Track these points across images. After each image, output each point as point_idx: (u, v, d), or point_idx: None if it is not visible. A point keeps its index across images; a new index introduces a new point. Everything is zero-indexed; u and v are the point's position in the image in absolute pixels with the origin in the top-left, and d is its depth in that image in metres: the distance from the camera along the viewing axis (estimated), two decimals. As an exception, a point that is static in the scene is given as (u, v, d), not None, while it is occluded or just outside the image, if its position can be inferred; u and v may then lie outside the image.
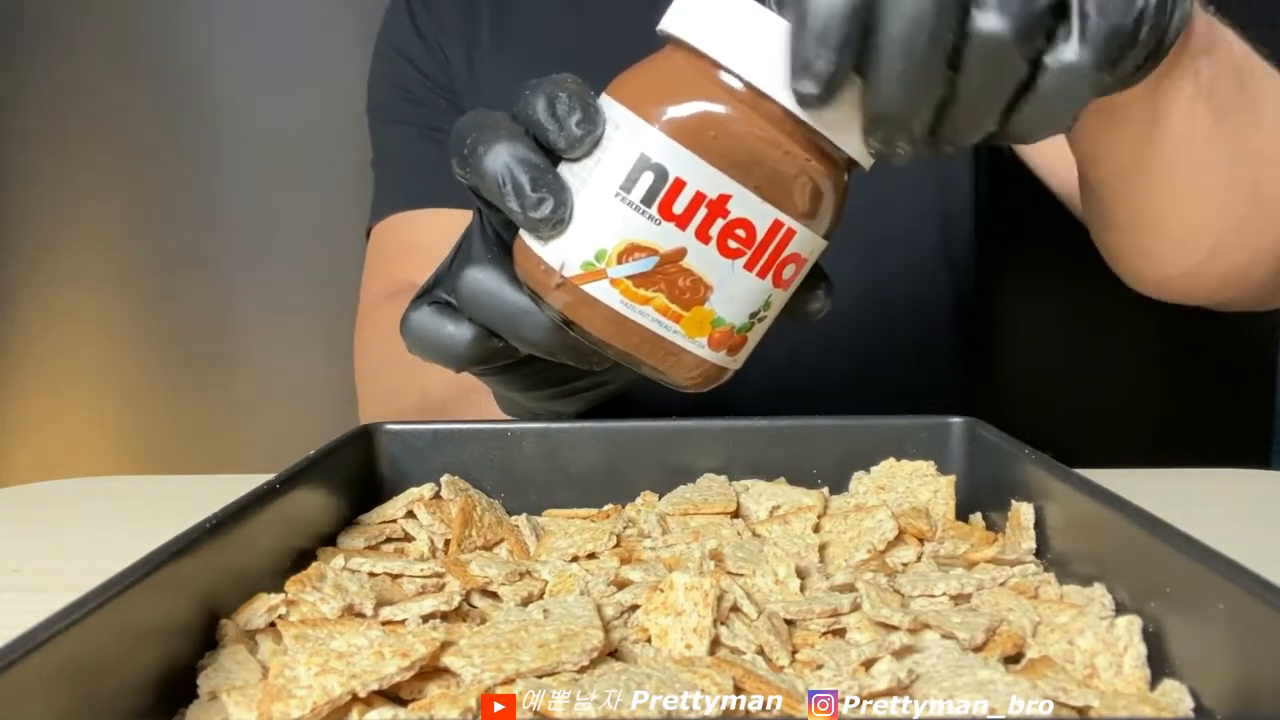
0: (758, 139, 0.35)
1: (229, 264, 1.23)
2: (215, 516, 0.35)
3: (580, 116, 0.35)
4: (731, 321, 0.38)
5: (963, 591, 0.36)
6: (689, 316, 0.37)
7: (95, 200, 1.21)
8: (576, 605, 0.34)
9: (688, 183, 0.35)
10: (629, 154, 0.35)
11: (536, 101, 0.36)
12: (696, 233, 0.35)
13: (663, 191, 0.35)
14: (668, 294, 0.36)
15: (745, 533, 0.43)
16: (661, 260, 0.36)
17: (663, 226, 0.35)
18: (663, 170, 0.35)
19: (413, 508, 0.44)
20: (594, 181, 0.36)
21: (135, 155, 1.19)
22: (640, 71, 0.37)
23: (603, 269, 0.36)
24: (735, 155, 0.35)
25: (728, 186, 0.35)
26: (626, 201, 0.35)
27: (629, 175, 0.35)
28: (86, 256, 1.22)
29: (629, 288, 0.36)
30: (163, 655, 0.31)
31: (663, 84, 0.35)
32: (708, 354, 0.38)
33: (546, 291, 0.37)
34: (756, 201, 0.35)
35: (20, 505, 0.59)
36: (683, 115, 0.35)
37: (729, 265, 0.36)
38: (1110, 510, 0.35)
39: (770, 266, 0.37)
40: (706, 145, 0.35)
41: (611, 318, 0.37)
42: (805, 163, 0.35)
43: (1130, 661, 0.31)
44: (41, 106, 1.18)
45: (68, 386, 1.25)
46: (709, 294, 0.37)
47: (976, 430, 0.47)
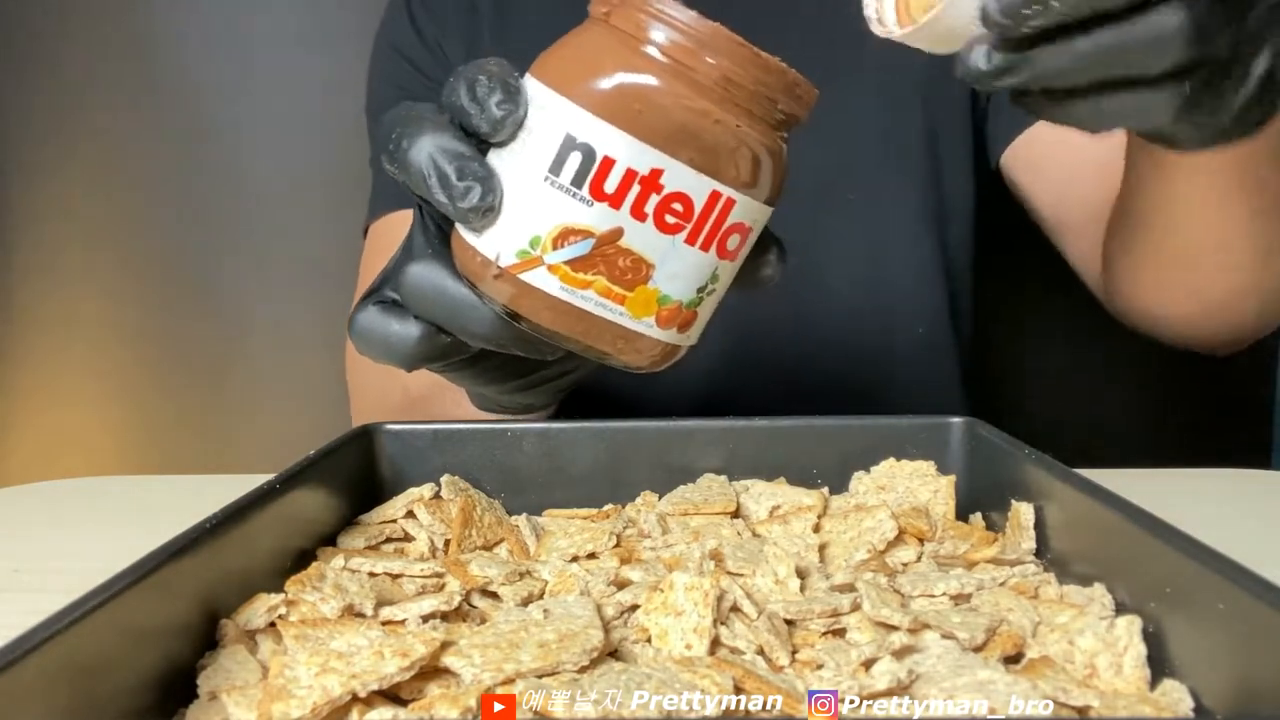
0: (686, 109, 0.34)
1: (229, 264, 1.23)
2: (215, 516, 0.35)
3: (500, 97, 0.34)
4: (678, 298, 0.37)
5: (963, 591, 0.36)
6: (633, 297, 0.36)
7: (95, 200, 1.21)
8: (576, 605, 0.34)
9: (617, 160, 0.34)
10: (554, 135, 0.34)
11: (459, 87, 0.35)
12: (632, 211, 0.34)
13: (592, 171, 0.34)
14: (608, 275, 0.35)
15: (745, 533, 0.43)
16: (598, 242, 0.35)
17: (596, 207, 0.34)
18: (590, 149, 0.34)
19: (413, 508, 0.44)
20: (521, 166, 0.35)
21: (135, 155, 1.19)
22: (561, 47, 0.36)
23: (539, 256, 0.35)
24: (663, 128, 0.33)
25: (659, 161, 0.34)
26: (556, 185, 0.34)
27: (556, 157, 0.34)
28: (86, 257, 1.22)
29: (568, 273, 0.35)
30: (163, 655, 0.31)
31: (584, 59, 0.34)
32: (658, 333, 0.37)
33: (485, 283, 0.36)
34: (691, 173, 0.34)
35: (20, 505, 0.59)
36: (605, 90, 0.34)
37: (669, 241, 0.35)
38: (1110, 510, 0.35)
39: (713, 239, 0.36)
40: (632, 120, 0.33)
41: (553, 305, 0.36)
42: (737, 129, 0.34)
43: (1130, 661, 0.31)
44: (42, 107, 1.18)
45: (68, 386, 1.25)
46: (651, 272, 0.36)
47: (976, 430, 0.47)
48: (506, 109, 0.35)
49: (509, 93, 0.35)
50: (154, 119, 1.19)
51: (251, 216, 1.19)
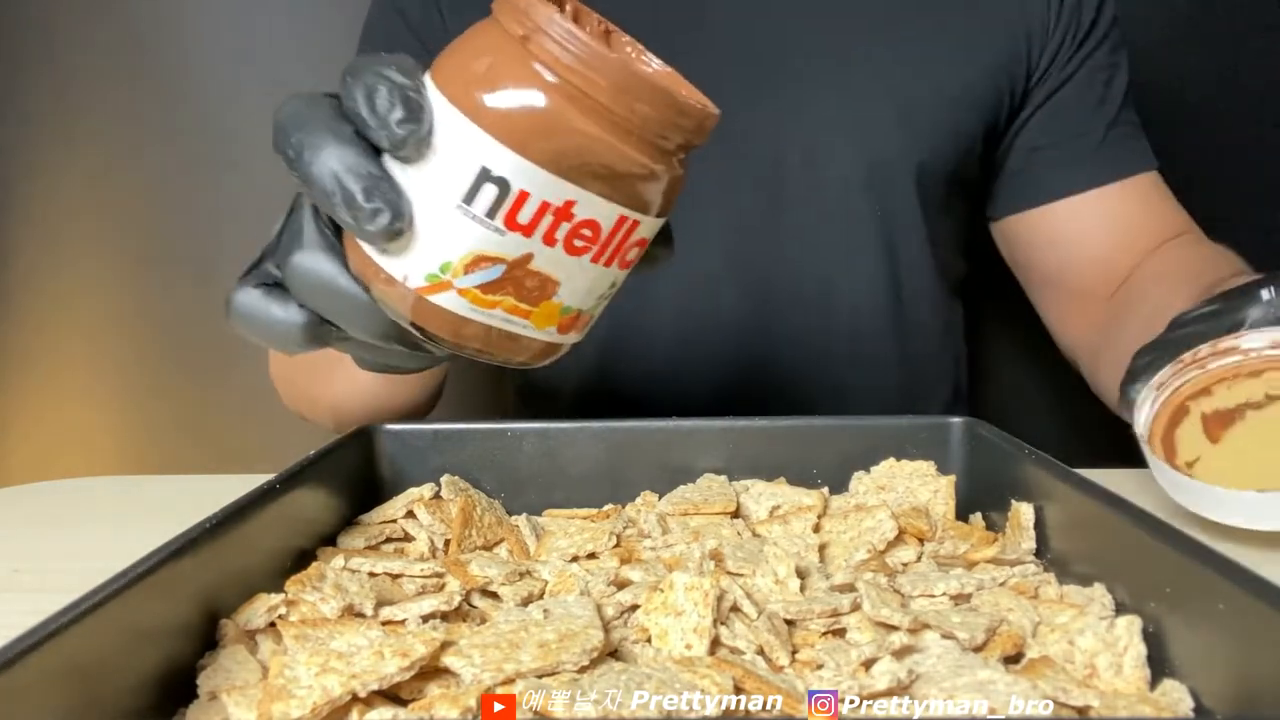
0: (601, 144, 0.34)
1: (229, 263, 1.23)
2: (215, 516, 0.35)
3: (402, 115, 0.33)
4: (579, 307, 0.37)
5: (963, 591, 0.36)
6: (538, 311, 0.36)
7: (95, 200, 1.21)
8: (576, 605, 0.34)
9: (531, 194, 0.34)
10: (468, 166, 0.33)
11: (356, 93, 0.33)
12: (543, 238, 0.34)
13: (507, 204, 0.34)
14: (515, 295, 0.36)
15: (745, 533, 0.43)
16: (509, 266, 0.35)
17: (508, 236, 0.34)
18: (505, 183, 0.33)
19: (413, 508, 0.44)
20: (432, 190, 0.34)
21: (136, 155, 1.19)
22: (468, 61, 0.34)
23: (449, 280, 0.35)
24: (578, 162, 0.34)
25: (572, 193, 0.34)
26: (470, 215, 0.34)
27: (471, 188, 0.33)
28: (87, 256, 1.22)
29: (477, 295, 0.35)
30: (163, 655, 0.31)
31: (496, 82, 0.33)
32: (555, 338, 0.38)
33: (389, 298, 0.36)
34: (601, 202, 0.35)
35: (20, 505, 0.59)
36: (521, 123, 0.33)
37: (576, 262, 0.36)
38: (1110, 510, 0.35)
39: (616, 255, 0.37)
40: (549, 156, 0.33)
41: (458, 322, 0.36)
42: (648, 163, 0.35)
43: (1130, 661, 0.31)
44: (41, 106, 1.18)
45: (68, 386, 1.25)
46: (556, 289, 0.36)
47: (976, 430, 0.47)
48: (409, 129, 0.33)
49: (411, 110, 0.33)
50: (154, 119, 1.19)
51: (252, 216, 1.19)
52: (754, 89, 0.71)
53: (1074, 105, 0.74)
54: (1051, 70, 0.73)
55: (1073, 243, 0.76)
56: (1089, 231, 0.75)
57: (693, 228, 0.72)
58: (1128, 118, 0.75)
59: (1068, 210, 0.75)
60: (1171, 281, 0.66)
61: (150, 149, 1.21)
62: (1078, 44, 0.73)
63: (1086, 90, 0.74)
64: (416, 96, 0.33)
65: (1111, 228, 0.74)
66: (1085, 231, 0.75)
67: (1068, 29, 0.73)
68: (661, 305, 0.74)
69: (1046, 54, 0.73)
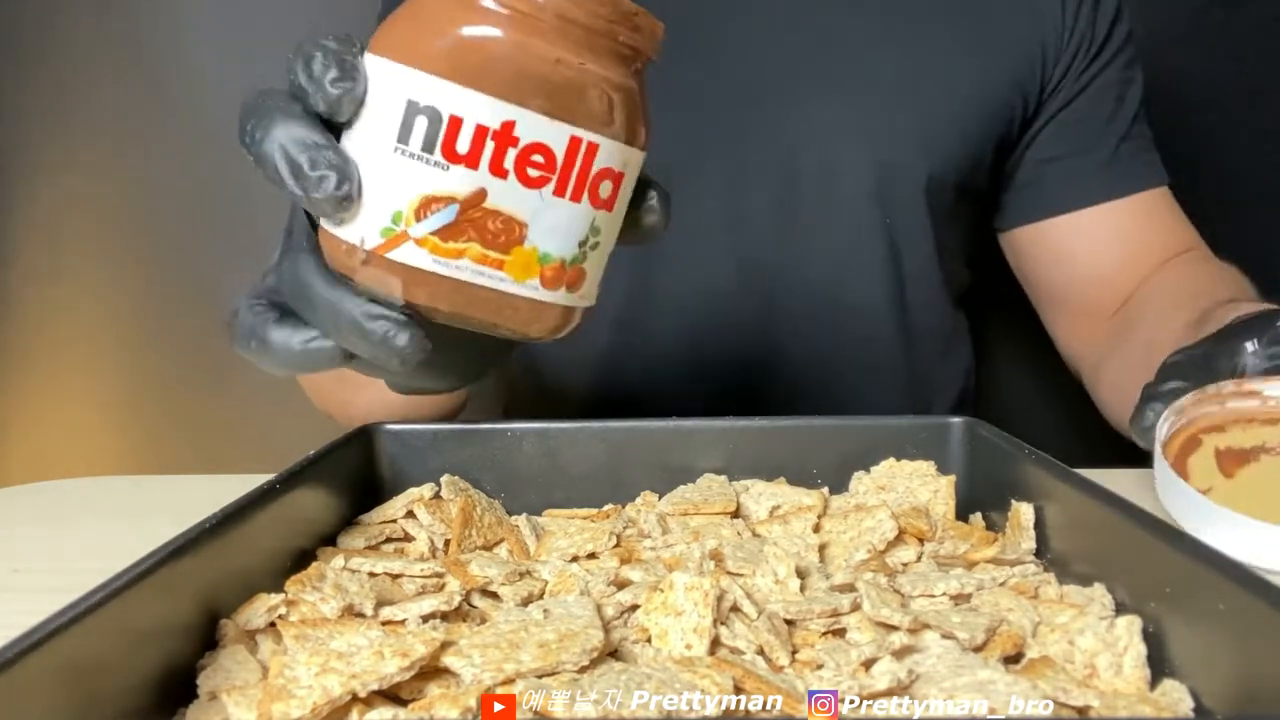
0: (526, 54, 0.32)
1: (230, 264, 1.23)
2: (215, 516, 0.35)
3: (336, 74, 0.33)
4: (559, 255, 0.35)
5: (963, 591, 0.36)
6: (511, 260, 0.34)
7: (95, 200, 1.21)
8: (576, 605, 0.34)
9: (464, 118, 0.32)
10: (396, 103, 0.32)
11: (296, 65, 0.34)
12: (491, 169, 0.33)
13: (441, 133, 0.32)
14: (480, 241, 0.34)
15: (745, 533, 0.43)
16: (463, 206, 0.33)
17: (453, 171, 0.33)
18: (434, 111, 0.32)
19: (413, 508, 0.44)
20: (370, 143, 0.33)
21: (136, 155, 1.19)
22: (394, 19, 0.34)
23: (403, 231, 0.33)
24: (506, 77, 0.32)
25: (508, 112, 0.32)
26: (407, 154, 0.33)
27: (402, 125, 0.32)
28: (87, 256, 1.22)
29: (437, 244, 0.33)
30: (163, 655, 0.31)
31: (417, 21, 0.33)
32: (545, 295, 0.36)
33: (355, 273, 0.34)
34: (544, 121, 0.33)
35: (20, 505, 0.59)
36: (441, 48, 0.32)
37: (536, 195, 0.34)
38: (1110, 510, 0.35)
39: (583, 187, 0.34)
40: (471, 73, 0.32)
41: (428, 281, 0.34)
42: (582, 68, 0.33)
43: (1130, 661, 0.31)
44: (41, 106, 1.18)
45: (68, 386, 1.25)
46: (525, 231, 0.34)
47: (976, 430, 0.47)
48: (343, 86, 0.33)
49: (345, 69, 0.33)
50: (155, 119, 1.19)
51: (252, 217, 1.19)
52: (766, 95, 0.71)
53: (1085, 119, 0.74)
54: (1064, 83, 0.74)
55: (1078, 257, 0.76)
56: (1095, 246, 0.75)
57: (701, 233, 0.72)
58: (1140, 132, 0.75)
59: (1074, 224, 0.75)
60: (1169, 303, 0.67)
61: (150, 150, 1.21)
62: (1091, 58, 0.73)
63: (1099, 104, 0.74)
64: (351, 58, 0.34)
65: (1117, 243, 0.75)
66: (1091, 246, 0.75)
67: (1081, 42, 0.73)
68: (668, 310, 0.74)
69: (1060, 67, 0.73)
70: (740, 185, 0.72)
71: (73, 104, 1.20)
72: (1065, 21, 0.72)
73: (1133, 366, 0.64)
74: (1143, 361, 0.60)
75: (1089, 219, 0.75)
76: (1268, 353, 0.47)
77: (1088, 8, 0.73)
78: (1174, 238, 0.75)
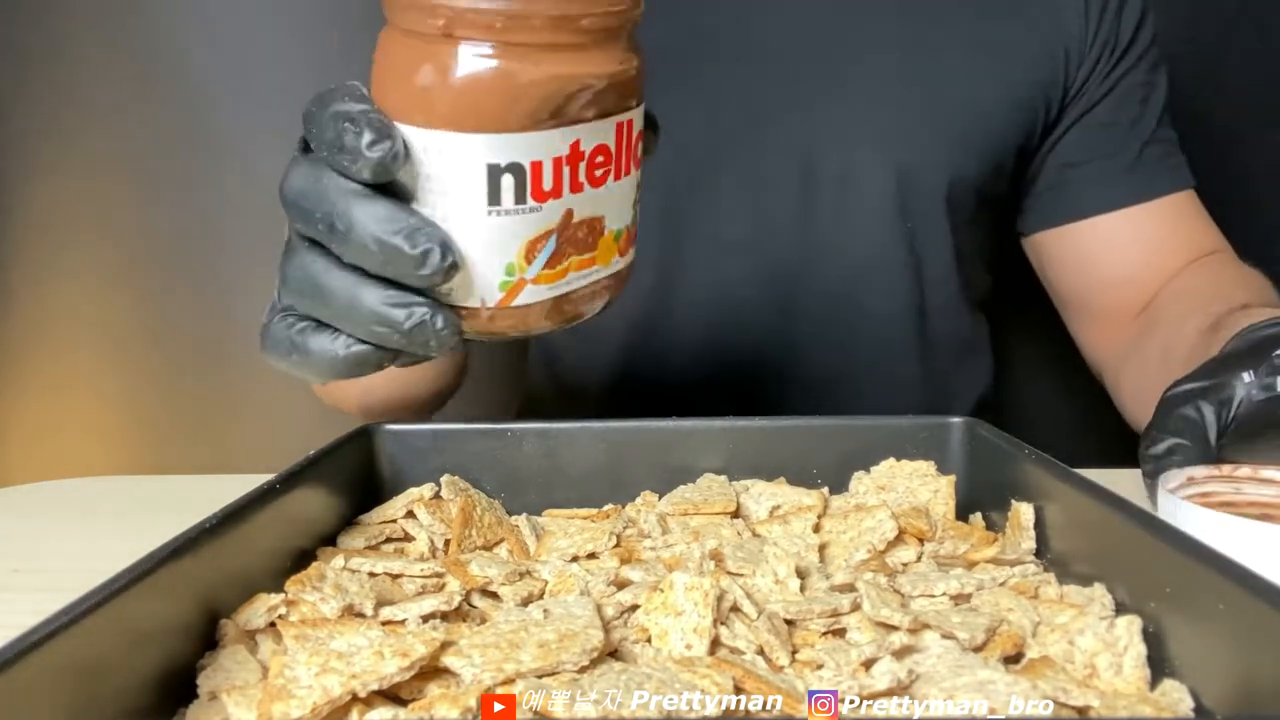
0: (572, 77, 0.33)
1: (229, 264, 1.23)
2: (215, 516, 0.35)
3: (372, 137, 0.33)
4: (624, 225, 0.38)
5: (963, 591, 0.36)
6: (599, 252, 0.37)
7: (95, 200, 1.21)
8: (576, 605, 0.34)
9: (543, 160, 0.34)
10: (475, 170, 0.33)
11: (325, 136, 0.34)
12: (571, 189, 0.35)
13: (528, 183, 0.34)
14: (576, 251, 0.36)
15: (745, 533, 0.43)
16: (559, 232, 0.35)
17: (545, 207, 0.34)
18: (518, 166, 0.33)
19: (413, 508, 0.44)
20: (458, 211, 0.34)
21: (135, 154, 1.19)
22: (428, 90, 0.33)
23: (520, 279, 0.35)
24: (560, 104, 0.33)
25: (573, 133, 0.34)
26: (502, 213, 0.34)
27: (489, 189, 0.33)
28: (86, 256, 1.22)
29: (548, 274, 0.36)
30: (163, 655, 0.31)
31: (464, 92, 0.33)
32: (622, 263, 0.39)
33: (479, 332, 0.36)
34: (598, 125, 0.35)
35: (20, 505, 0.59)
36: (497, 107, 0.33)
37: (604, 190, 0.36)
38: (1110, 510, 0.35)
39: (629, 160, 0.37)
40: (536, 116, 0.33)
41: (547, 307, 0.37)
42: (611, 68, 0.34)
43: (1130, 661, 0.31)
44: (41, 106, 1.18)
45: (68, 386, 1.25)
46: (603, 223, 0.37)
47: (976, 430, 0.47)
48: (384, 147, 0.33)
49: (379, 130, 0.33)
50: (154, 119, 1.18)
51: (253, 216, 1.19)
52: (789, 99, 0.71)
53: (1109, 123, 0.74)
54: (1087, 87, 0.73)
55: (1100, 261, 0.76)
56: (1118, 251, 0.75)
57: (721, 236, 0.72)
58: (1164, 135, 0.75)
59: (1098, 228, 0.75)
60: (1186, 308, 0.67)
61: (150, 150, 1.21)
62: (1114, 61, 0.73)
63: (1122, 108, 0.74)
64: (380, 116, 0.33)
65: (1141, 247, 0.75)
66: (1114, 250, 0.75)
67: (1104, 46, 0.73)
68: (687, 312, 0.74)
69: (1083, 71, 0.73)
70: (760, 189, 0.72)
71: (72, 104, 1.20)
72: (1089, 24, 0.72)
73: (1149, 374, 0.65)
74: (1159, 369, 0.60)
75: (1113, 223, 0.75)
76: (1263, 383, 0.47)
77: (1112, 10, 0.72)
78: (1199, 241, 0.75)
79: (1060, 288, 0.80)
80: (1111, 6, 0.72)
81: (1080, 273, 0.77)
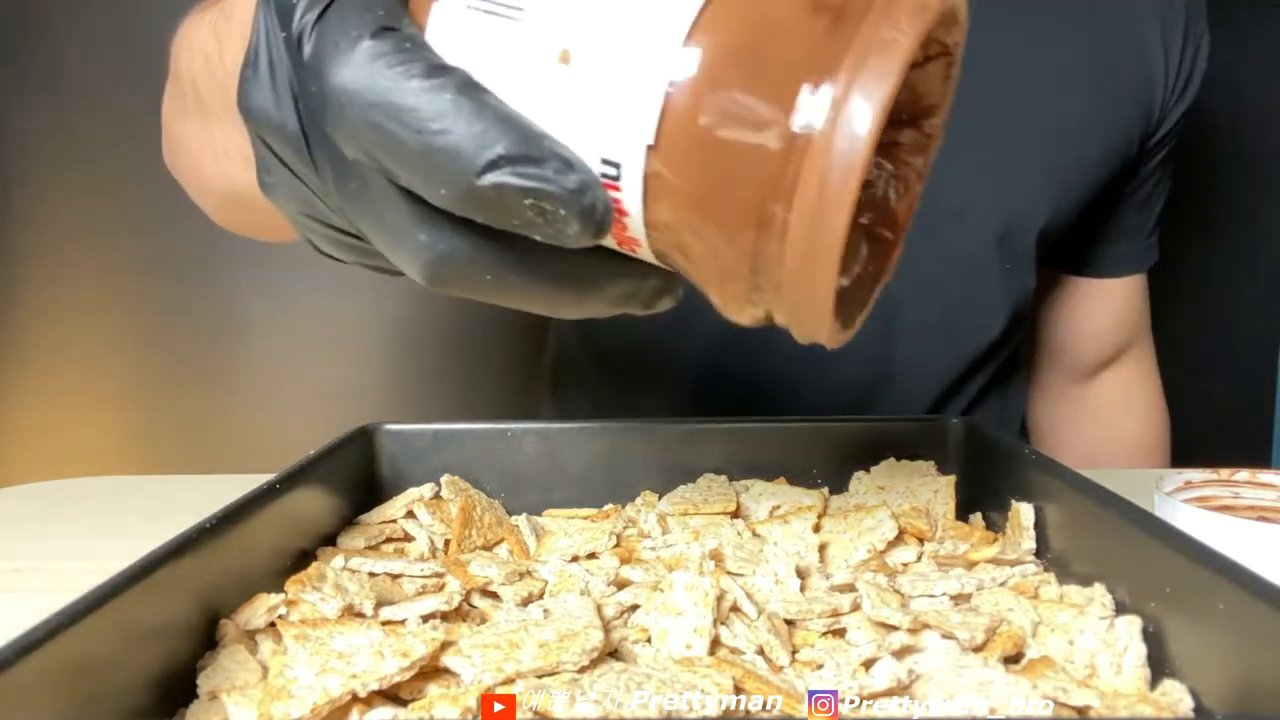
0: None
1: (230, 264, 1.23)
2: (215, 516, 0.35)
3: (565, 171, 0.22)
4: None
5: (963, 591, 0.36)
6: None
7: (96, 200, 1.21)
8: (576, 605, 0.34)
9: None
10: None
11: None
12: None
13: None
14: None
15: (745, 533, 0.43)
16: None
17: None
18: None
19: (413, 508, 0.44)
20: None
21: (136, 155, 1.19)
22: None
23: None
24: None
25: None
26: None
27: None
28: (87, 256, 1.22)
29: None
30: (163, 655, 0.31)
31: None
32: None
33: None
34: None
35: (20, 505, 0.59)
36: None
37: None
38: (1110, 510, 0.35)
39: None
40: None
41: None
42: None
43: (1130, 661, 0.31)
44: (42, 106, 1.18)
45: (68, 386, 1.25)
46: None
47: (976, 430, 0.47)
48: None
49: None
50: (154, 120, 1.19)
51: (251, 216, 1.19)
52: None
53: (1146, 195, 0.77)
54: (1165, 140, 0.75)
55: (1078, 315, 0.80)
56: (1096, 310, 0.80)
57: None
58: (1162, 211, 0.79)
59: (1091, 285, 0.79)
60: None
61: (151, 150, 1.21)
62: (1180, 116, 0.74)
63: (1160, 181, 0.77)
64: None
65: (1110, 313, 0.80)
66: (1092, 309, 0.80)
67: (1177, 103, 0.74)
68: None
69: (1165, 125, 0.74)
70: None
71: (74, 104, 1.20)
72: (1168, 83, 0.73)
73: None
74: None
75: (1106, 284, 0.79)
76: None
77: (1185, 71, 0.73)
78: (1142, 318, 0.82)
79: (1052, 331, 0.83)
80: (1199, 69, 0.73)
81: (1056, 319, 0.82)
